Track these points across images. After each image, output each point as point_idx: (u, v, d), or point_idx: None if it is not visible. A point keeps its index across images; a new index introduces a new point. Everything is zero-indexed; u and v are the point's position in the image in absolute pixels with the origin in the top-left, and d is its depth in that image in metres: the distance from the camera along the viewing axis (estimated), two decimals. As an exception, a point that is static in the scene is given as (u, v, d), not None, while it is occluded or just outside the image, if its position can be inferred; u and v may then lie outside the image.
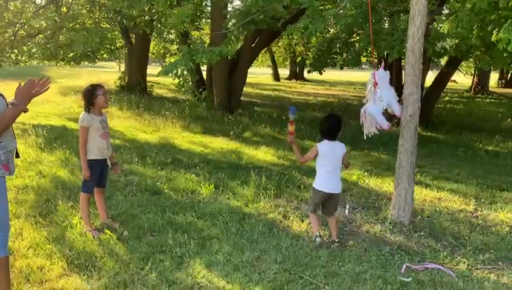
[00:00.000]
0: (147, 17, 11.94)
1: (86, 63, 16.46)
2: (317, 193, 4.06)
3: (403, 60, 14.38)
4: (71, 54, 13.10)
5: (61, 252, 3.65)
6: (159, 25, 14.51)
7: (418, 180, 5.73)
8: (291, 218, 4.66)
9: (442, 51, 9.36)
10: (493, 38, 5.31)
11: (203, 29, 18.35)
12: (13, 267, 3.34)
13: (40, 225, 4.18)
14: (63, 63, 14.24)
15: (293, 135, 4.13)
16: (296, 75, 33.96)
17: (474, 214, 5.01)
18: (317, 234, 4.06)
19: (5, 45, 11.44)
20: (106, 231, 4.06)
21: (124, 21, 12.77)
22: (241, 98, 14.13)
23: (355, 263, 3.70)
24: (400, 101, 4.50)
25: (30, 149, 6.92)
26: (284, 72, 36.35)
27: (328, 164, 4.02)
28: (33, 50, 10.93)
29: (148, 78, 17.27)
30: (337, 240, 4.07)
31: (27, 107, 2.66)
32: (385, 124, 4.34)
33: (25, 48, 11.05)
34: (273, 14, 8.08)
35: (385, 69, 4.45)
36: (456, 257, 3.88)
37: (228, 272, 3.45)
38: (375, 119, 4.31)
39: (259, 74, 36.34)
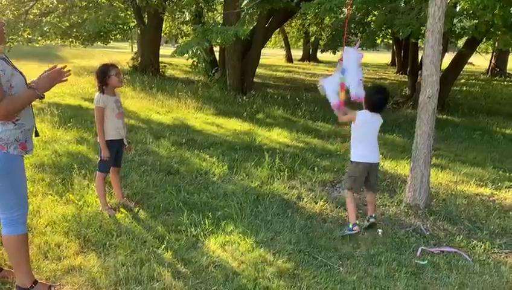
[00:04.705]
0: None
1: (99, 43, 16.43)
2: (355, 167, 3.87)
3: (419, 42, 14.13)
4: (84, 34, 13.05)
5: (78, 230, 3.70)
6: (170, 4, 14.36)
7: (433, 163, 5.65)
8: (305, 200, 4.65)
9: (462, 32, 9.12)
10: None
11: (216, 9, 18.15)
12: (32, 244, 3.39)
13: (57, 203, 4.23)
14: (76, 42, 14.21)
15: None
16: (309, 56, 33.61)
17: (491, 198, 4.95)
18: (356, 222, 3.79)
19: (18, 24, 11.42)
20: (122, 209, 4.10)
21: (137, 0, 12.68)
22: (254, 79, 14.03)
23: (370, 245, 3.69)
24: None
25: (46, 128, 6.99)
26: (297, 53, 35.99)
27: (364, 134, 3.87)
28: (45, 28, 10.87)
29: (160, 59, 17.22)
30: (373, 215, 3.98)
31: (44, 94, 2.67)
32: (332, 101, 3.97)
33: (38, 26, 10.99)
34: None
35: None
36: (473, 241, 3.84)
37: (243, 252, 3.46)
38: (326, 92, 4.03)
39: (272, 55, 36.03)
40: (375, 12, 11.94)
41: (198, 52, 6.63)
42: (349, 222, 3.87)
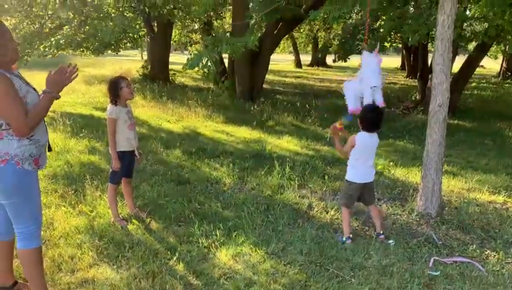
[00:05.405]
0: (169, 5, 11.88)
1: (109, 52, 16.60)
2: (350, 185, 3.92)
3: (429, 46, 14.07)
4: (96, 44, 13.21)
5: (90, 242, 3.74)
6: (180, 13, 14.48)
7: (445, 170, 5.61)
8: (316, 209, 4.64)
9: (472, 36, 9.08)
10: None
11: (224, 17, 18.26)
12: (45, 256, 3.43)
13: (70, 215, 4.28)
14: (88, 52, 14.39)
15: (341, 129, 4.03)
16: (318, 61, 33.61)
17: (504, 206, 4.89)
18: (349, 236, 3.90)
19: (34, 37, 11.60)
20: (134, 220, 4.14)
21: (147, 9, 12.79)
22: (263, 85, 14.06)
23: (381, 255, 3.66)
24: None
25: (58, 138, 7.08)
26: (306, 58, 36.01)
27: (363, 155, 3.87)
28: (61, 41, 11.04)
29: (170, 67, 17.34)
30: (381, 232, 3.98)
31: (59, 94, 2.69)
32: (350, 106, 4.04)
33: (53, 39, 11.14)
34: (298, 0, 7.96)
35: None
36: (486, 250, 3.81)
37: (254, 264, 3.47)
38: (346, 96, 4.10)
39: (280, 61, 36.08)
40: (384, 17, 11.92)
41: (209, 63, 6.66)
42: (344, 235, 3.95)
